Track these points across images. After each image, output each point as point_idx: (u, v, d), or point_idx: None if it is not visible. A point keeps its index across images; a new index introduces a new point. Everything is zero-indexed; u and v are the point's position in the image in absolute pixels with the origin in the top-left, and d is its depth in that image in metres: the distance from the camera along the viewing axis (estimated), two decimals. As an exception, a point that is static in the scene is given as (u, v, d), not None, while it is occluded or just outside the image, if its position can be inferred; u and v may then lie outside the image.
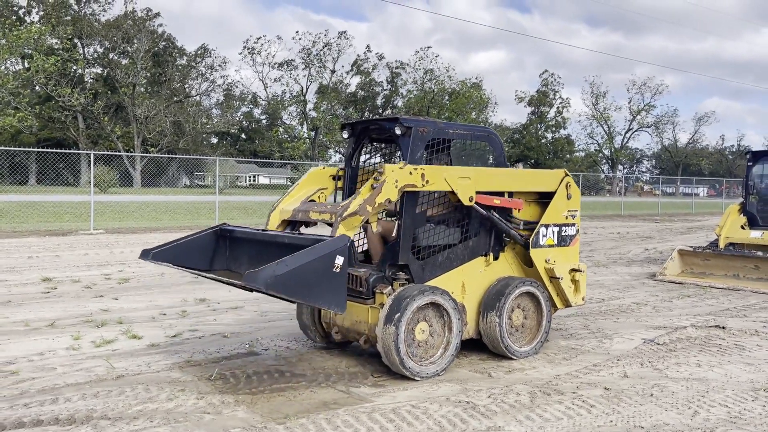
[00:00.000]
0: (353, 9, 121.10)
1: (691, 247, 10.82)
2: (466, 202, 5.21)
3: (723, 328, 6.85)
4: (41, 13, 51.77)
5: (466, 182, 5.21)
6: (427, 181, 4.99)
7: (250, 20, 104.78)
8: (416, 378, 4.81)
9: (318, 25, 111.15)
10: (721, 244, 10.71)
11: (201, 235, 5.35)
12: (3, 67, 40.00)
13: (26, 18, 50.81)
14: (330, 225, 4.75)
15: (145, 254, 5.08)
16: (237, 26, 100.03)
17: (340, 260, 4.18)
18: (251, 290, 4.45)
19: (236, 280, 4.28)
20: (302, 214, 5.20)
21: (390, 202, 4.84)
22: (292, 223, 5.36)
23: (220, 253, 5.46)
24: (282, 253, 4.32)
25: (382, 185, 4.76)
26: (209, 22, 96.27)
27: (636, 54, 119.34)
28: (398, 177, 4.84)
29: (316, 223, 5.26)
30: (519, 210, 5.71)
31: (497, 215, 5.49)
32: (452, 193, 5.18)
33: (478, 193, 5.29)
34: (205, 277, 4.92)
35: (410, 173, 4.90)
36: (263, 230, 5.20)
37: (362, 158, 5.89)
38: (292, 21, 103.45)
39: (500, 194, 5.50)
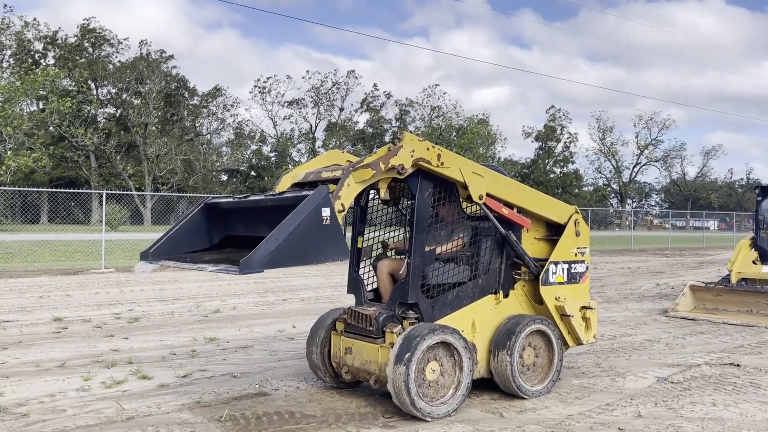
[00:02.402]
0: (355, 48, 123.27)
1: (703, 282, 10.73)
2: (475, 199, 5.20)
3: (737, 365, 6.76)
4: (56, 56, 53.00)
5: (479, 179, 5.23)
6: (442, 163, 5.01)
7: (255, 59, 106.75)
8: (427, 419, 4.76)
9: (321, 63, 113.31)
10: (734, 280, 10.62)
11: (190, 218, 5.22)
12: (18, 109, 40.80)
13: (42, 61, 52.00)
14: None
15: (144, 256, 4.92)
16: (241, 65, 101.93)
17: (326, 212, 4.16)
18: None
19: (233, 270, 4.02)
20: (314, 176, 5.15)
21: (403, 169, 4.82)
22: (302, 186, 5.21)
23: (216, 227, 5.31)
24: (272, 215, 4.30)
25: (399, 149, 4.80)
26: (214, 62, 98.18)
27: (638, 89, 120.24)
28: (415, 147, 4.89)
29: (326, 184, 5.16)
30: (527, 230, 5.71)
31: (514, 236, 5.49)
32: (464, 188, 5.18)
33: (488, 196, 5.29)
34: (206, 270, 4.55)
35: (427, 149, 4.95)
36: (244, 197, 5.09)
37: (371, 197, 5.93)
38: (294, 60, 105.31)
39: (510, 207, 5.51)
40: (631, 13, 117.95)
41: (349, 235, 5.73)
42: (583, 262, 5.99)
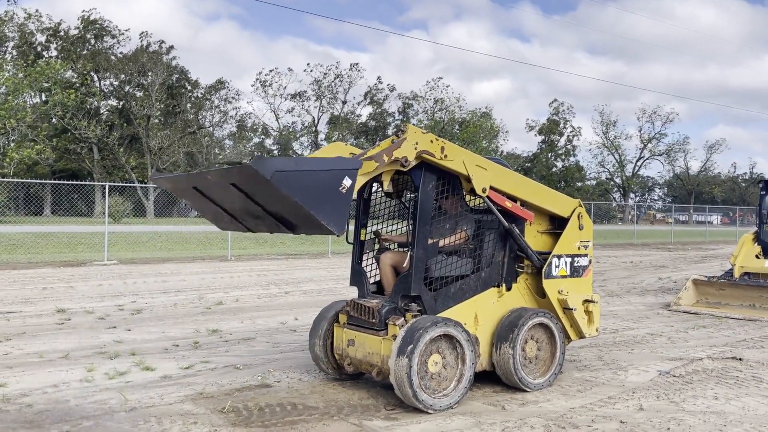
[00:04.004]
0: (354, 41, 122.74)
1: (706, 276, 10.72)
2: (479, 192, 5.21)
3: (740, 359, 6.76)
4: (58, 48, 52.93)
5: (483, 172, 5.23)
6: (446, 156, 5.02)
7: (253, 51, 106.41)
8: (429, 411, 4.77)
9: (320, 56, 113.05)
10: (736, 274, 10.61)
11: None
12: (22, 101, 40.81)
13: (44, 53, 51.93)
14: None
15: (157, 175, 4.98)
16: (240, 57, 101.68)
17: (348, 182, 4.20)
18: (245, 191, 4.27)
19: (241, 166, 4.11)
20: None
21: (407, 161, 4.84)
22: None
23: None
24: None
25: (402, 142, 4.83)
26: (213, 54, 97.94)
27: (639, 82, 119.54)
28: (419, 140, 4.90)
29: None
30: (530, 223, 5.70)
31: (517, 229, 5.49)
32: (467, 180, 5.19)
33: (491, 189, 5.29)
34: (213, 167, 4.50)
35: (431, 141, 4.96)
36: None
37: (373, 190, 5.92)
38: (293, 52, 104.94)
39: (513, 200, 5.51)
40: (630, 6, 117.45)
41: (351, 228, 5.73)
42: (586, 255, 5.99)
